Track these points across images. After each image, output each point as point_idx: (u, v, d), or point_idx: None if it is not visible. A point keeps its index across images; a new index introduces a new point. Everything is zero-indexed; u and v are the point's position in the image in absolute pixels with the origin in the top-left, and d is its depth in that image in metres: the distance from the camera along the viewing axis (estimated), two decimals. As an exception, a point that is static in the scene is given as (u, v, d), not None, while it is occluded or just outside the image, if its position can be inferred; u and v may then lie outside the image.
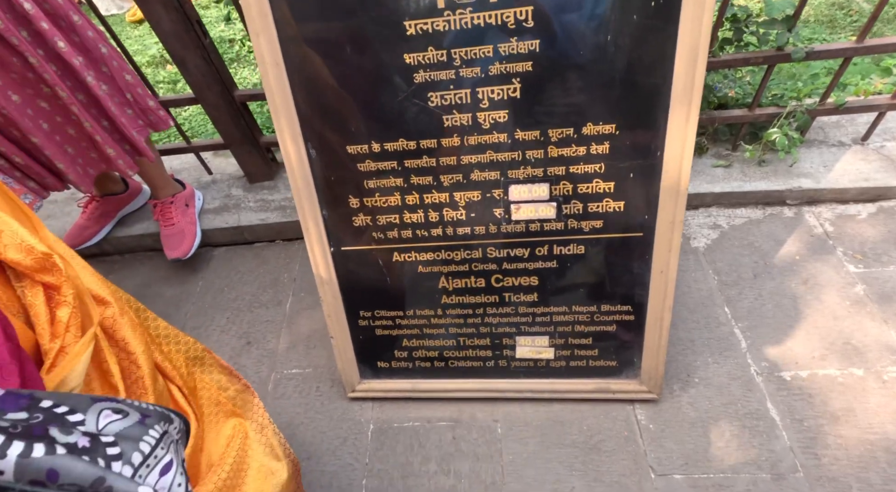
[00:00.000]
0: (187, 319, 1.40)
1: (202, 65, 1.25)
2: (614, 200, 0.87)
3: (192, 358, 0.76)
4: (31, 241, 0.50)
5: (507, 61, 0.77)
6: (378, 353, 1.11)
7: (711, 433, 1.02)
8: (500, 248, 0.95)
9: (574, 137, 0.82)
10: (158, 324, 0.72)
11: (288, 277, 1.46)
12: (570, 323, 1.02)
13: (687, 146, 0.79)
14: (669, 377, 1.10)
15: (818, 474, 0.94)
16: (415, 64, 0.79)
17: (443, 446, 1.08)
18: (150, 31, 2.90)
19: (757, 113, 1.33)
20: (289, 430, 1.14)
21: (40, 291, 0.50)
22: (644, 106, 0.78)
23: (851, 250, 1.26)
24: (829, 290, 1.20)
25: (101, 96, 1.09)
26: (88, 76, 1.05)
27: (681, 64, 0.74)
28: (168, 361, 0.68)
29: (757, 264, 1.27)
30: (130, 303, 0.68)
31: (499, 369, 1.10)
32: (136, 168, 1.23)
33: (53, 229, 1.58)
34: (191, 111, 2.23)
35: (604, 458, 1.02)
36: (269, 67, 0.80)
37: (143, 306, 0.70)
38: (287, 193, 1.56)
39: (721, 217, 1.39)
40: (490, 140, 0.84)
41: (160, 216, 1.44)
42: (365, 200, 0.93)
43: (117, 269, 1.57)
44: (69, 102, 1.04)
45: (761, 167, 1.39)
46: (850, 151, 1.40)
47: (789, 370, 1.08)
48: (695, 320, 1.19)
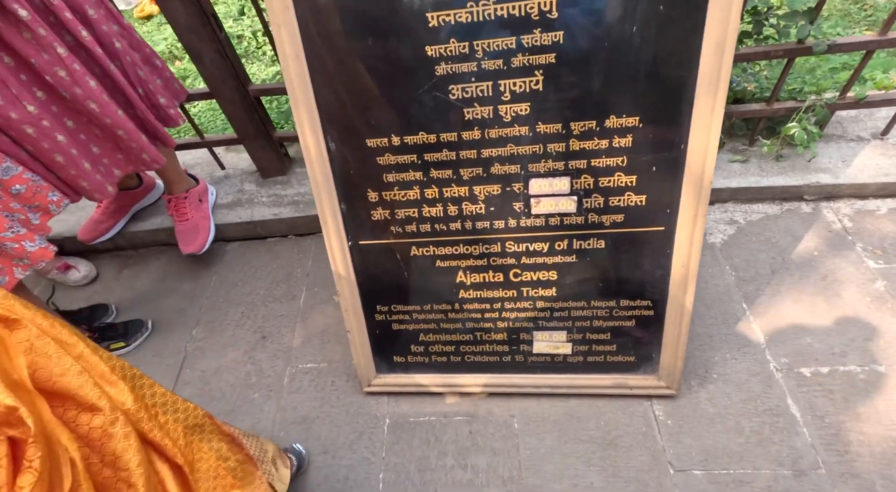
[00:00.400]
0: (202, 313, 1.40)
1: (217, 59, 1.25)
2: (636, 194, 0.87)
3: (191, 426, 0.70)
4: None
5: (530, 53, 0.76)
6: (394, 347, 1.11)
7: (731, 429, 1.01)
8: (518, 242, 0.95)
9: (596, 129, 0.82)
10: (155, 391, 0.66)
11: (301, 271, 1.46)
12: (588, 318, 1.01)
13: (711, 139, 0.78)
14: (687, 373, 1.09)
15: (841, 470, 0.93)
16: (436, 56, 0.78)
17: (459, 440, 1.08)
18: (157, 28, 2.91)
19: (775, 107, 1.31)
20: (304, 424, 1.15)
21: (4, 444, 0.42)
22: (668, 98, 0.77)
23: (871, 246, 1.24)
24: (849, 286, 1.18)
25: (123, 84, 1.09)
26: (111, 65, 1.06)
27: (707, 55, 0.73)
28: (167, 435, 0.62)
29: (774, 260, 1.26)
30: (125, 370, 0.61)
31: (515, 364, 1.09)
32: (163, 161, 1.22)
33: (68, 224, 1.59)
34: (200, 106, 2.23)
35: (622, 453, 1.01)
36: (290, 60, 0.80)
37: (140, 372, 0.64)
38: (300, 188, 1.56)
39: (738, 212, 1.38)
40: (511, 133, 0.84)
41: (174, 211, 1.44)
42: (384, 193, 0.92)
43: (131, 263, 1.58)
44: (92, 97, 1.03)
45: (778, 162, 1.38)
46: (869, 146, 1.38)
47: (809, 366, 1.07)
48: (712, 316, 1.18)
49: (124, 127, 1.10)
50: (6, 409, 0.42)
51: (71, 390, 0.50)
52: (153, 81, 1.19)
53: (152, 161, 1.20)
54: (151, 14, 2.98)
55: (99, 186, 1.14)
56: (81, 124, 1.08)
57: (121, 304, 1.46)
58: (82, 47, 1.02)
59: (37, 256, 1.02)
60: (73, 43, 1.01)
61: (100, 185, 1.14)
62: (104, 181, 1.15)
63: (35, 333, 0.49)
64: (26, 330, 0.49)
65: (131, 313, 1.42)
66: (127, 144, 1.14)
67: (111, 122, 1.08)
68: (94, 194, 1.14)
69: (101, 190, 1.15)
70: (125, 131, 1.11)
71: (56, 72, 0.97)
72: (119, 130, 1.10)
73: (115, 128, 1.09)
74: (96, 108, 1.04)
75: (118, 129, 1.09)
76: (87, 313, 1.38)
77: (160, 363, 1.31)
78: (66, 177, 1.08)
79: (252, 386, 1.23)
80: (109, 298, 1.47)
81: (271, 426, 1.15)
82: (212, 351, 1.32)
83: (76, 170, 1.08)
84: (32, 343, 0.49)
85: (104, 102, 1.05)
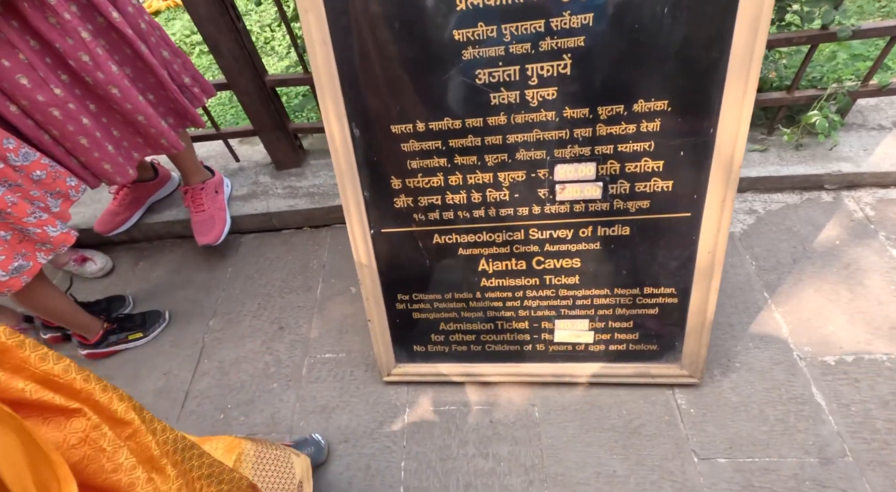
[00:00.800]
0: (218, 304, 1.41)
1: (235, 49, 1.25)
2: (662, 180, 0.86)
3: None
4: None
5: (559, 36, 0.76)
6: (415, 336, 1.11)
7: (755, 418, 1.00)
8: (542, 229, 0.94)
9: (624, 114, 0.81)
10: (203, 462, 0.63)
11: (317, 263, 1.46)
12: (611, 306, 1.01)
13: (742, 123, 0.78)
14: (710, 362, 1.09)
15: (868, 458, 0.93)
16: (463, 40, 0.78)
17: (480, 429, 1.07)
18: (166, 23, 2.91)
19: (796, 95, 1.30)
20: (324, 414, 1.15)
21: None
22: (699, 81, 0.77)
23: (894, 235, 1.23)
24: (872, 275, 1.17)
25: (156, 65, 1.09)
26: (142, 46, 1.06)
27: (740, 36, 0.72)
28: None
29: (796, 249, 1.25)
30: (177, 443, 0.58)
31: (537, 353, 1.09)
32: (181, 146, 1.23)
33: (84, 216, 1.60)
34: (212, 100, 2.23)
35: (645, 442, 1.01)
36: (317, 45, 0.79)
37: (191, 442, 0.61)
38: (314, 180, 1.56)
39: (757, 202, 1.37)
40: (537, 118, 0.83)
41: (191, 202, 1.44)
42: (407, 180, 0.92)
43: (147, 255, 1.58)
44: (113, 81, 1.03)
45: (798, 151, 1.37)
46: (890, 135, 1.36)
47: (833, 355, 1.07)
48: (733, 305, 1.18)
49: (144, 112, 1.10)
50: None
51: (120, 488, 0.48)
52: (176, 62, 1.20)
53: (171, 146, 1.21)
54: (159, 10, 2.98)
55: (121, 168, 1.15)
56: (103, 108, 1.09)
57: (137, 295, 1.47)
58: (113, 28, 1.02)
59: (59, 240, 1.02)
60: (104, 24, 1.01)
61: (122, 167, 1.15)
62: (126, 164, 1.16)
63: (92, 423, 0.47)
64: (83, 419, 0.47)
65: (148, 305, 1.42)
66: (146, 130, 1.15)
67: (132, 107, 1.08)
68: (115, 177, 1.15)
69: (122, 173, 1.16)
70: (145, 117, 1.11)
71: (80, 56, 0.97)
72: (139, 116, 1.11)
73: (136, 113, 1.10)
74: (118, 93, 1.05)
75: (138, 114, 1.10)
76: (105, 305, 1.38)
77: (178, 354, 1.32)
78: (90, 160, 1.09)
79: (271, 376, 1.24)
80: (126, 290, 1.48)
81: (290, 416, 1.16)
82: (229, 342, 1.32)
83: (100, 152, 1.09)
84: (88, 434, 0.47)
85: (125, 87, 1.05)
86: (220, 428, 1.16)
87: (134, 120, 1.11)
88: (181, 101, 1.18)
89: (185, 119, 1.24)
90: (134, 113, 1.09)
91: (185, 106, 1.20)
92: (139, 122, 1.12)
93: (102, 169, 1.12)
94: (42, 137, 1.03)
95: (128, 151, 1.17)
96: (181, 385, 1.25)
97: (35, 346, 0.45)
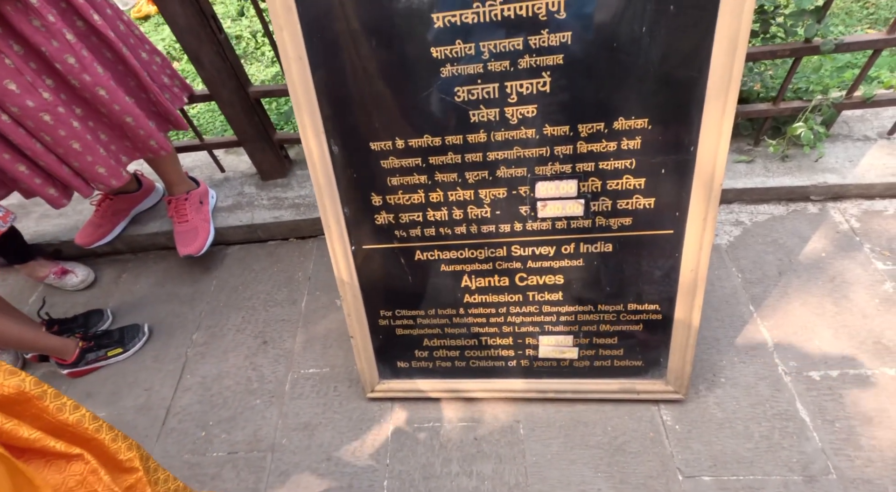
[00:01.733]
0: (202, 318, 1.39)
1: (217, 61, 1.23)
2: (644, 197, 0.85)
3: None
4: None
5: (538, 54, 0.75)
6: (398, 353, 1.10)
7: (740, 434, 1.00)
8: (524, 246, 0.93)
9: (605, 132, 0.80)
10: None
11: (302, 275, 1.44)
12: (595, 322, 1.00)
13: (722, 141, 0.77)
14: (695, 377, 1.08)
15: (852, 475, 0.92)
16: (442, 58, 0.77)
17: (464, 446, 1.06)
18: (155, 28, 2.89)
19: (781, 107, 1.30)
20: (306, 431, 1.13)
21: None
22: (678, 99, 0.76)
23: (879, 247, 1.23)
24: (858, 288, 1.17)
25: (137, 68, 1.09)
26: (124, 48, 1.05)
27: (718, 55, 0.71)
28: None
29: (781, 262, 1.25)
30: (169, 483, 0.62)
31: (521, 369, 1.08)
32: (169, 148, 1.22)
33: (66, 228, 1.57)
34: (198, 109, 2.21)
35: (629, 459, 1.00)
36: (293, 62, 0.78)
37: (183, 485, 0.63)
38: (301, 191, 1.54)
39: (743, 214, 1.37)
40: (517, 136, 0.82)
41: (174, 213, 1.42)
42: (388, 197, 0.91)
43: (130, 267, 1.56)
44: (101, 83, 1.02)
45: (784, 162, 1.37)
46: (875, 146, 1.37)
47: (818, 370, 1.06)
48: (719, 319, 1.17)
49: (132, 113, 1.10)
50: None
51: None
52: (154, 62, 1.19)
53: (160, 147, 1.20)
54: (149, 14, 2.96)
55: (115, 171, 1.14)
56: (90, 111, 1.08)
57: (120, 308, 1.44)
58: (94, 31, 1.01)
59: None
60: (84, 28, 1.00)
61: (116, 170, 1.15)
62: (118, 166, 1.15)
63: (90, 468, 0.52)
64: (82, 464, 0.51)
65: (130, 318, 1.40)
66: (135, 131, 1.14)
67: (120, 108, 1.07)
68: (111, 180, 1.14)
69: (117, 175, 1.15)
70: (133, 118, 1.10)
71: (66, 59, 0.96)
72: (127, 117, 1.10)
73: (124, 114, 1.09)
74: (105, 95, 1.04)
75: (126, 115, 1.09)
76: (82, 320, 1.36)
77: (160, 369, 1.30)
78: (84, 165, 1.08)
79: (254, 392, 1.22)
80: (108, 303, 1.45)
81: (273, 433, 1.14)
82: (212, 356, 1.30)
83: (93, 156, 1.08)
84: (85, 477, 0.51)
85: (113, 88, 1.04)
86: (201, 446, 1.14)
87: (122, 122, 1.10)
88: (163, 103, 1.17)
89: (167, 122, 1.23)
90: (122, 114, 1.08)
91: (167, 108, 1.19)
92: (127, 123, 1.11)
93: (97, 173, 1.11)
94: (34, 147, 1.02)
95: (116, 155, 1.16)
96: (162, 402, 1.23)
97: (56, 396, 0.50)
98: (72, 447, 0.50)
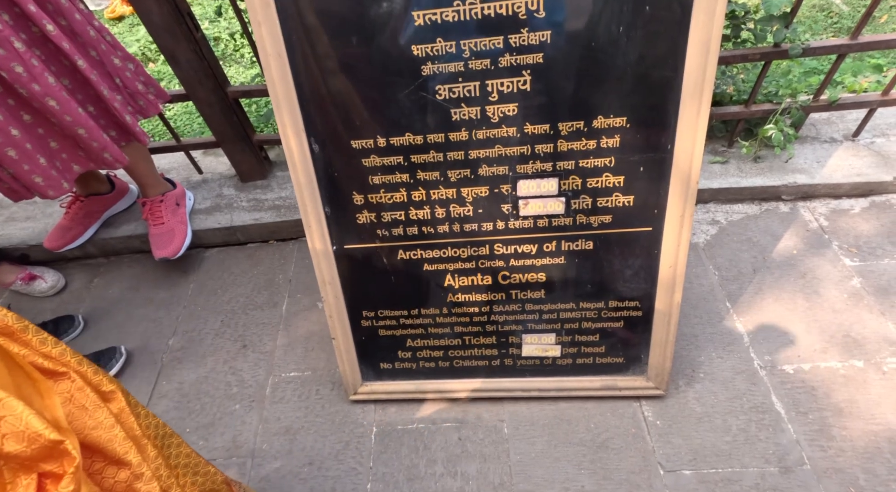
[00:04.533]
0: (179, 323, 1.35)
1: (194, 60, 1.21)
2: (624, 195, 0.87)
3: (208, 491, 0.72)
4: (37, 426, 0.42)
5: (518, 53, 0.76)
6: (381, 354, 1.09)
7: (718, 428, 1.02)
8: (507, 244, 0.94)
9: (584, 130, 0.81)
10: (181, 451, 0.67)
11: (283, 277, 1.42)
12: (577, 320, 1.01)
13: (698, 140, 0.79)
14: (674, 373, 1.10)
15: (825, 466, 0.95)
16: (422, 55, 0.77)
17: (448, 447, 1.06)
18: (129, 29, 2.83)
19: (753, 109, 1.34)
20: (288, 435, 1.11)
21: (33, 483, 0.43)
22: (656, 99, 0.78)
23: (846, 244, 1.28)
24: (827, 283, 1.21)
25: (93, 80, 1.05)
26: (79, 60, 1.01)
27: (693, 57, 0.73)
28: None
29: (756, 259, 1.28)
30: (158, 429, 0.63)
31: (505, 368, 1.08)
32: (125, 160, 1.18)
33: (34, 231, 1.52)
34: (175, 109, 2.17)
35: (612, 456, 1.01)
36: (272, 59, 0.77)
37: (171, 431, 0.66)
38: (281, 192, 1.52)
39: (719, 213, 1.40)
40: (499, 134, 0.83)
41: (149, 215, 1.39)
42: (369, 196, 0.90)
43: (102, 272, 1.51)
44: (50, 94, 0.99)
45: (757, 163, 1.41)
46: (841, 147, 1.42)
47: (792, 364, 1.09)
48: (697, 316, 1.20)
49: (85, 125, 1.06)
50: (50, 443, 0.43)
51: (101, 444, 0.52)
52: (128, 68, 1.15)
53: (114, 160, 1.16)
54: (123, 15, 2.90)
55: (54, 181, 1.09)
56: (39, 119, 1.04)
57: (92, 314, 1.40)
58: (47, 41, 0.97)
59: None
60: (38, 36, 0.97)
61: (55, 180, 1.10)
62: (60, 177, 1.11)
63: (77, 385, 0.51)
64: (69, 382, 0.51)
65: (103, 324, 1.36)
66: (87, 143, 1.10)
67: (71, 119, 1.04)
68: (47, 191, 1.10)
69: (55, 186, 1.10)
70: (86, 130, 1.07)
71: (13, 68, 0.92)
72: (79, 129, 1.06)
73: (76, 126, 1.05)
74: (56, 105, 1.00)
75: (78, 127, 1.05)
76: (52, 327, 1.31)
77: (134, 375, 1.25)
78: (19, 172, 1.04)
79: (233, 397, 1.19)
80: (79, 309, 1.41)
81: (253, 438, 1.11)
82: (190, 362, 1.27)
83: (30, 164, 1.04)
84: (73, 394, 0.51)
85: (64, 99, 1.01)
86: (178, 454, 1.11)
87: (73, 133, 1.06)
88: (121, 118, 1.14)
89: (127, 132, 1.19)
90: (73, 126, 1.05)
91: (127, 125, 1.15)
92: (79, 135, 1.07)
93: (32, 181, 1.06)
94: None
95: (66, 163, 1.12)
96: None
97: (37, 331, 0.50)
98: (59, 366, 0.50)
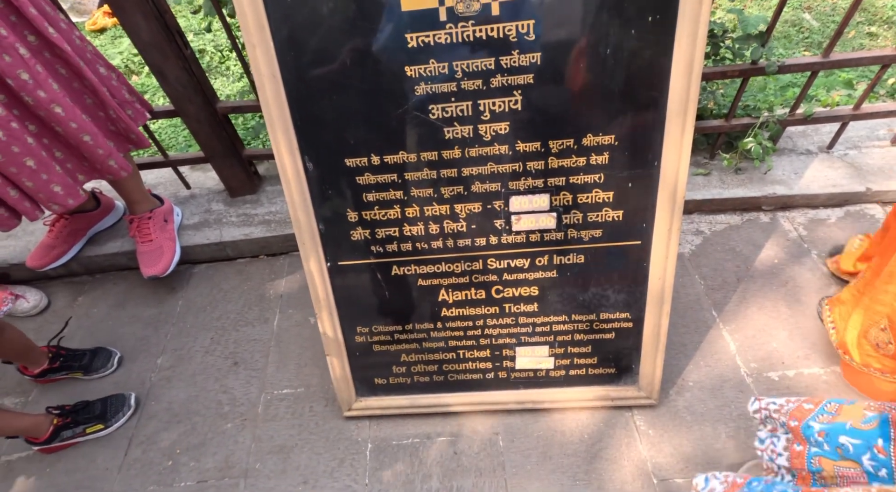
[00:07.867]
0: (167, 341, 1.33)
1: (183, 76, 1.21)
2: (613, 210, 0.89)
3: None
4: None
5: (509, 74, 0.78)
6: (375, 369, 1.09)
7: (708, 436, 1.04)
8: (500, 259, 0.95)
9: (574, 147, 0.83)
10: None
11: (274, 293, 1.41)
12: (569, 332, 1.02)
13: (683, 156, 0.82)
14: (665, 382, 1.12)
15: (812, 470, 0.97)
16: (416, 76, 0.78)
17: (444, 461, 1.06)
18: (112, 41, 2.80)
19: (733, 123, 1.39)
20: (282, 454, 1.10)
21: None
22: (642, 117, 0.80)
23: (825, 253, 1.32)
24: (808, 291, 1.25)
25: (96, 85, 1.04)
26: (81, 63, 1.01)
27: (677, 77, 0.76)
28: None
29: (739, 269, 1.32)
30: None
31: (499, 381, 1.09)
32: (129, 168, 1.17)
33: (16, 250, 1.49)
34: (160, 123, 2.14)
35: (606, 466, 1.02)
36: (266, 79, 0.78)
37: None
38: (271, 207, 1.52)
39: (703, 223, 1.44)
40: (491, 152, 0.84)
41: (137, 232, 1.37)
42: (363, 213, 0.91)
43: (87, 290, 1.48)
44: (56, 100, 0.98)
45: (738, 175, 1.45)
46: (817, 159, 1.47)
47: (776, 370, 1.12)
48: (685, 324, 1.22)
49: (90, 131, 1.05)
50: None
51: None
52: (112, 78, 1.15)
53: (120, 168, 1.15)
54: (105, 27, 2.87)
55: (72, 189, 1.09)
56: (44, 129, 1.03)
57: (76, 334, 1.37)
58: (48, 46, 0.97)
59: None
60: (38, 42, 0.96)
61: (73, 188, 1.09)
62: (75, 184, 1.10)
63: None
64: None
65: (87, 344, 1.33)
66: (92, 150, 1.09)
67: (77, 126, 1.03)
68: (67, 200, 1.08)
69: (74, 194, 1.10)
70: (91, 136, 1.06)
71: (19, 75, 0.92)
72: (84, 136, 1.05)
73: (81, 132, 1.04)
74: (61, 112, 0.99)
75: (84, 133, 1.05)
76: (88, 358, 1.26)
77: (122, 396, 1.23)
78: (38, 184, 1.02)
79: (224, 416, 1.17)
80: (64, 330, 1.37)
81: (246, 458, 1.10)
82: (179, 380, 1.25)
83: (48, 174, 1.03)
84: None
85: (68, 105, 1.00)
86: (168, 476, 1.08)
87: (79, 140, 1.05)
88: (124, 120, 1.13)
89: (127, 141, 1.18)
90: (79, 132, 1.04)
91: (128, 125, 1.14)
92: (85, 142, 1.06)
93: (52, 192, 1.05)
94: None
95: (73, 173, 1.10)
96: (124, 431, 1.17)
97: None
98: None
